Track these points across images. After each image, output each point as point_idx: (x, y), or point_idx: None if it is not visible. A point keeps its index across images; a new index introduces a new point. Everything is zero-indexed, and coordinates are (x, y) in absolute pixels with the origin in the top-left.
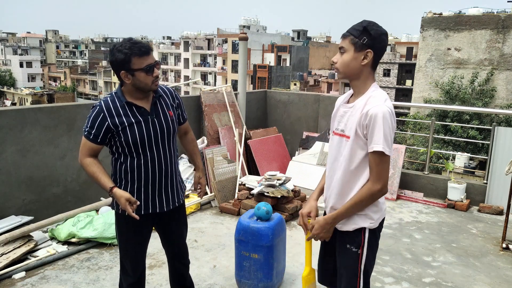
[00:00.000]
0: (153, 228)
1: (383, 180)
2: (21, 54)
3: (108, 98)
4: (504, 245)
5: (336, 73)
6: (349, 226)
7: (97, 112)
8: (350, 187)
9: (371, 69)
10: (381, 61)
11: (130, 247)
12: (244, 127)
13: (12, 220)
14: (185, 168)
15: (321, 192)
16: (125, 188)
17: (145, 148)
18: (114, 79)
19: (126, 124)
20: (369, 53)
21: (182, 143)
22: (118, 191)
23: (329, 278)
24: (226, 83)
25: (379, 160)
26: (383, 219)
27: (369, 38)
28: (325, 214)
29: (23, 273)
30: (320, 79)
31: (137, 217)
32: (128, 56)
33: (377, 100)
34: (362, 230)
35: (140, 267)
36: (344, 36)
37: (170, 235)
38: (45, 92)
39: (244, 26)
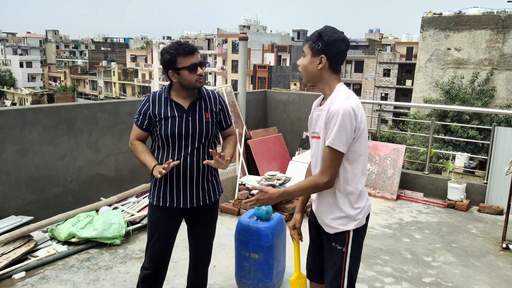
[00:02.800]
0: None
1: (330, 174)
2: (21, 54)
3: (157, 91)
4: (504, 245)
5: (300, 76)
6: (333, 230)
7: (145, 101)
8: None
9: (331, 72)
10: (381, 61)
11: (155, 239)
12: (244, 127)
13: (12, 220)
14: None
15: (304, 203)
16: (155, 179)
17: (176, 143)
18: (114, 79)
19: (163, 116)
20: (322, 58)
21: (222, 145)
22: (155, 167)
23: (317, 274)
24: (226, 83)
25: (330, 155)
26: (368, 215)
27: (322, 44)
28: (312, 213)
29: (23, 273)
30: None
31: (163, 171)
32: (174, 56)
33: (339, 99)
34: (346, 231)
35: (163, 258)
36: (306, 41)
37: (196, 232)
38: (45, 92)
39: (244, 26)
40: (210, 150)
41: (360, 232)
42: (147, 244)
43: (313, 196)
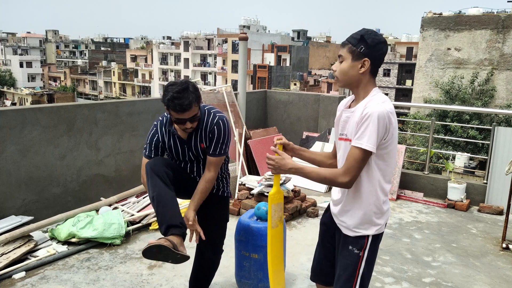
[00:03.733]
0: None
1: (352, 175)
2: (21, 54)
3: (163, 119)
4: (504, 245)
5: (336, 81)
6: (353, 233)
7: (153, 132)
8: (357, 188)
9: (370, 76)
10: None
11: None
12: (244, 127)
13: (12, 220)
14: None
15: (305, 155)
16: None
17: (180, 161)
18: (114, 79)
19: (167, 145)
20: (366, 61)
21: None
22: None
23: (324, 277)
24: (226, 83)
25: (356, 156)
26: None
27: (366, 46)
28: (328, 212)
29: (23, 273)
30: (320, 79)
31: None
32: (167, 105)
33: (374, 102)
34: (366, 236)
35: (164, 166)
36: (343, 45)
37: (203, 219)
38: (45, 92)
39: (244, 26)
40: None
41: (379, 238)
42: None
43: (335, 197)
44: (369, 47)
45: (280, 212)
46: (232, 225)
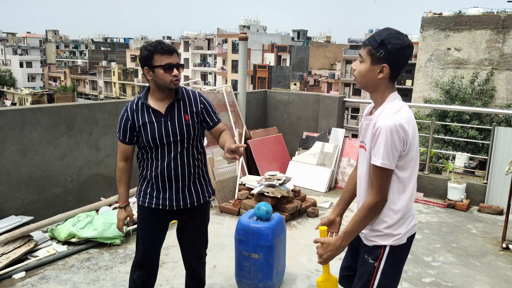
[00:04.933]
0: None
1: (383, 193)
2: (21, 54)
3: (134, 100)
4: (504, 245)
5: (355, 81)
6: (369, 242)
7: (123, 112)
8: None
9: (389, 81)
10: None
11: (144, 236)
12: (244, 127)
13: (12, 220)
14: None
15: (344, 205)
16: (142, 182)
17: (158, 149)
18: (114, 79)
19: (141, 123)
20: (385, 67)
21: (220, 142)
22: (120, 211)
23: (347, 277)
24: (226, 83)
25: (379, 174)
26: (413, 236)
27: (385, 52)
28: None
29: (23, 273)
30: (320, 79)
31: (123, 231)
32: (151, 53)
33: (387, 113)
34: (382, 246)
35: (149, 256)
36: (364, 45)
37: (185, 233)
38: (45, 92)
39: (244, 26)
40: (223, 156)
41: (398, 250)
42: (136, 244)
43: (358, 203)
44: (389, 53)
45: None
46: (232, 225)
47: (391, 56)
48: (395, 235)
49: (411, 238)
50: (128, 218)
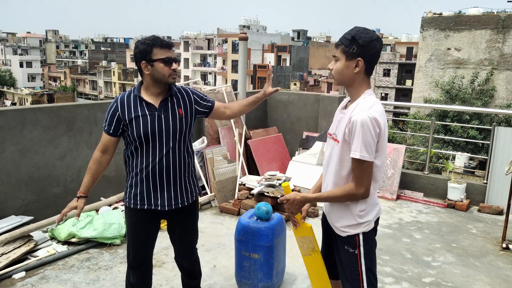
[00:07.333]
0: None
1: (365, 185)
2: (21, 54)
3: (126, 92)
4: (504, 245)
5: (332, 79)
6: (342, 233)
7: (112, 103)
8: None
9: (364, 75)
10: (381, 61)
11: (135, 239)
12: (244, 127)
13: (12, 220)
14: None
15: (316, 192)
16: (131, 183)
17: (149, 144)
18: (114, 79)
19: (133, 115)
20: (359, 61)
21: (237, 113)
22: (74, 199)
23: (331, 271)
24: (226, 83)
25: (360, 166)
26: (378, 219)
27: (358, 46)
28: (324, 215)
29: (23, 273)
30: (320, 79)
31: (62, 219)
32: (150, 46)
33: (362, 107)
34: (355, 234)
35: (142, 258)
36: (336, 45)
37: (177, 233)
38: (45, 92)
39: (244, 26)
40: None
41: (369, 234)
42: (127, 247)
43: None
44: (360, 46)
45: (311, 244)
46: (232, 225)
47: (364, 49)
48: (364, 223)
49: (377, 221)
50: (76, 210)
